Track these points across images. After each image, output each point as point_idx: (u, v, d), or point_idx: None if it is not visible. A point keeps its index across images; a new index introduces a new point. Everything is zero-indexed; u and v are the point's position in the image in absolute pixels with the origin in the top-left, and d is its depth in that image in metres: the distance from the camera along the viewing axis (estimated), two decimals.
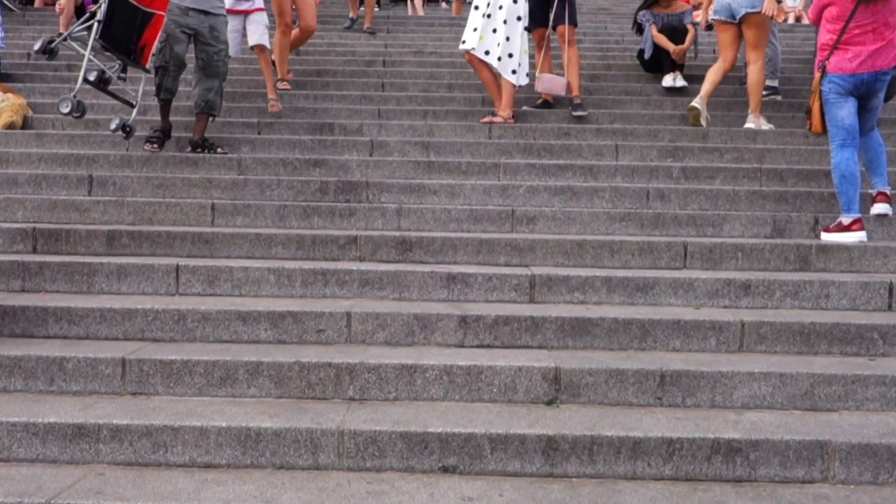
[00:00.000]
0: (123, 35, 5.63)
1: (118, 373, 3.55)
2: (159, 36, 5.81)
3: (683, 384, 3.53)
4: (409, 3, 13.59)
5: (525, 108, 7.34)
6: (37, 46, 5.85)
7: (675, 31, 7.91)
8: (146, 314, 3.95)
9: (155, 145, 5.99)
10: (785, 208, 5.51)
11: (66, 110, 5.54)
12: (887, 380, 3.53)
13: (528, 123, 6.95)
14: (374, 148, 6.38)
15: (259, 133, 6.74)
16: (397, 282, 4.37)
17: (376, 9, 11.05)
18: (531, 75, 7.15)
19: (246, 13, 7.27)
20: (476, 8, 6.73)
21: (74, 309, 3.96)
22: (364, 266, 4.50)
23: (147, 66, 5.89)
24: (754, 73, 6.75)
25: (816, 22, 5.12)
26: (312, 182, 5.66)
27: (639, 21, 8.25)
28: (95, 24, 5.55)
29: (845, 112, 4.90)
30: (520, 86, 6.93)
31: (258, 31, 7.27)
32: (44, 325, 3.95)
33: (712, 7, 7.01)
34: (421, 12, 12.79)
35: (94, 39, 5.56)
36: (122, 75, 6.00)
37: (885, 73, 4.88)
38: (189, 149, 6.06)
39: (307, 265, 4.46)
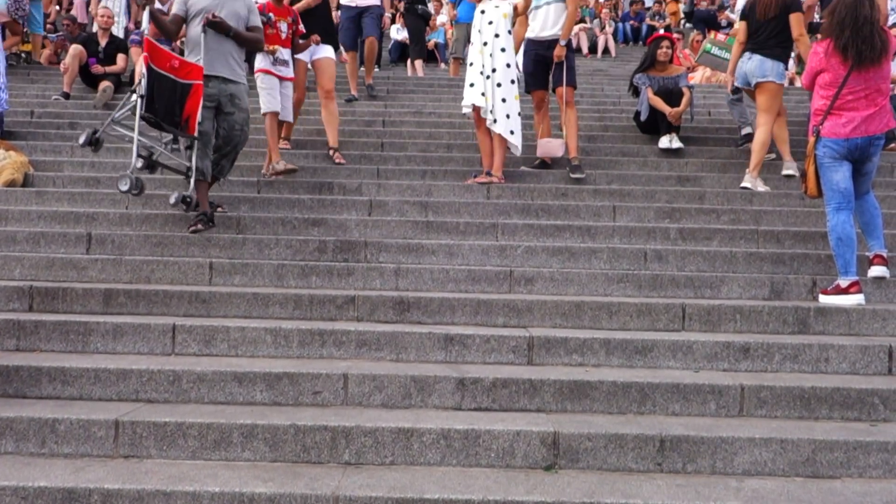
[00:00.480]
0: (167, 109, 5.57)
1: (111, 435, 3.50)
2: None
3: (683, 450, 3.49)
4: (409, 64, 13.82)
5: (523, 167, 7.41)
6: (81, 140, 5.73)
7: (671, 94, 8.02)
8: (141, 375, 3.91)
9: (200, 226, 5.67)
10: (783, 270, 5.53)
11: (125, 188, 5.44)
12: (889, 446, 3.49)
13: (525, 184, 7.01)
14: (372, 207, 6.42)
15: (259, 192, 6.78)
16: (395, 343, 4.35)
17: (376, 68, 11.20)
18: (525, 136, 7.24)
19: (280, 79, 7.11)
20: (471, 65, 6.85)
21: (68, 369, 3.93)
22: (361, 326, 4.49)
23: (196, 135, 5.69)
24: (760, 135, 6.89)
25: (810, 87, 5.20)
26: (311, 241, 5.68)
27: (635, 84, 8.37)
28: (139, 101, 5.49)
29: (840, 176, 4.95)
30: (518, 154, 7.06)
31: (287, 105, 7.22)
32: (37, 385, 3.91)
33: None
34: (421, 73, 12.99)
35: (141, 115, 5.49)
36: (175, 146, 5.97)
37: (879, 139, 4.94)
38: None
39: (304, 325, 4.45)
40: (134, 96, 5.57)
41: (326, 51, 7.72)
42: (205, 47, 5.75)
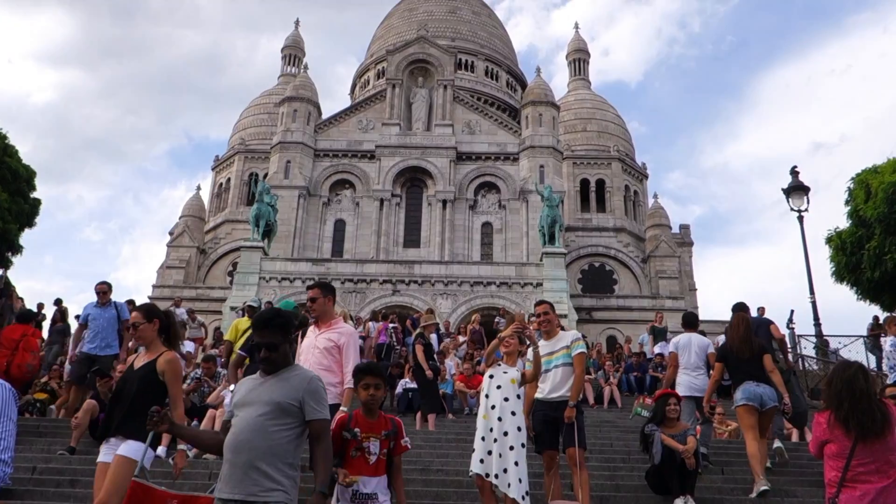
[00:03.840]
0: None
1: None
2: None
3: None
4: (418, 416, 13.86)
5: None
6: None
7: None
8: None
9: None
10: None
11: None
12: None
13: None
14: None
15: None
16: None
17: None
18: (534, 496, 7.04)
19: None
20: (483, 439, 6.85)
21: None
22: None
23: None
24: (761, 448, 8.34)
25: (818, 456, 5.15)
26: None
27: (646, 432, 8.40)
28: None
29: None
30: None
31: None
32: None
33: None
34: (432, 427, 12.92)
35: None
36: None
37: None
38: None
39: None
40: None
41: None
42: (224, 456, 4.21)
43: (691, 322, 10.45)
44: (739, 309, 9.66)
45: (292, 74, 56.86)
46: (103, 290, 12.05)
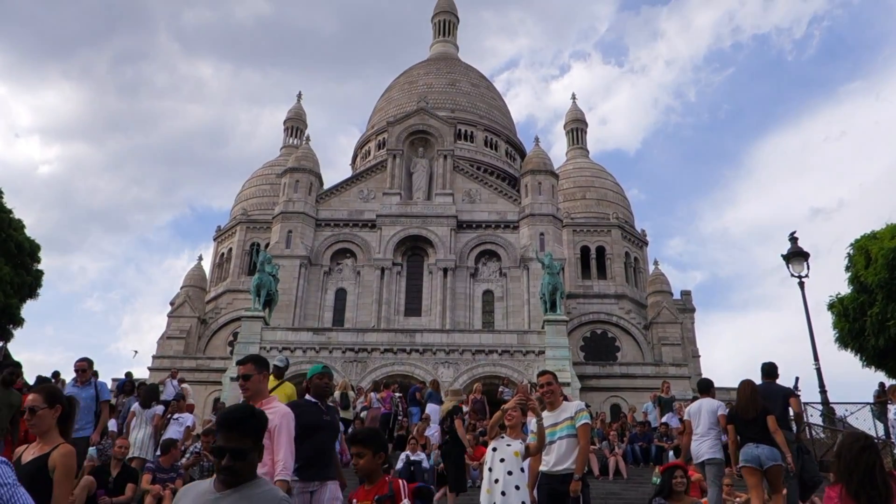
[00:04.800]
0: None
1: None
2: None
3: None
4: (445, 490, 13.55)
5: None
6: None
7: None
8: None
9: None
10: None
11: None
12: None
13: None
14: None
15: None
16: None
17: None
18: None
19: None
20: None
21: None
22: None
23: None
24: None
25: None
26: None
27: None
28: None
29: None
30: None
31: None
32: None
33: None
34: (451, 502, 12.63)
35: None
36: None
37: None
38: None
39: None
40: None
41: None
42: None
43: (703, 388, 10.81)
44: (768, 373, 10.39)
45: (294, 146, 57.72)
46: (83, 367, 10.90)
